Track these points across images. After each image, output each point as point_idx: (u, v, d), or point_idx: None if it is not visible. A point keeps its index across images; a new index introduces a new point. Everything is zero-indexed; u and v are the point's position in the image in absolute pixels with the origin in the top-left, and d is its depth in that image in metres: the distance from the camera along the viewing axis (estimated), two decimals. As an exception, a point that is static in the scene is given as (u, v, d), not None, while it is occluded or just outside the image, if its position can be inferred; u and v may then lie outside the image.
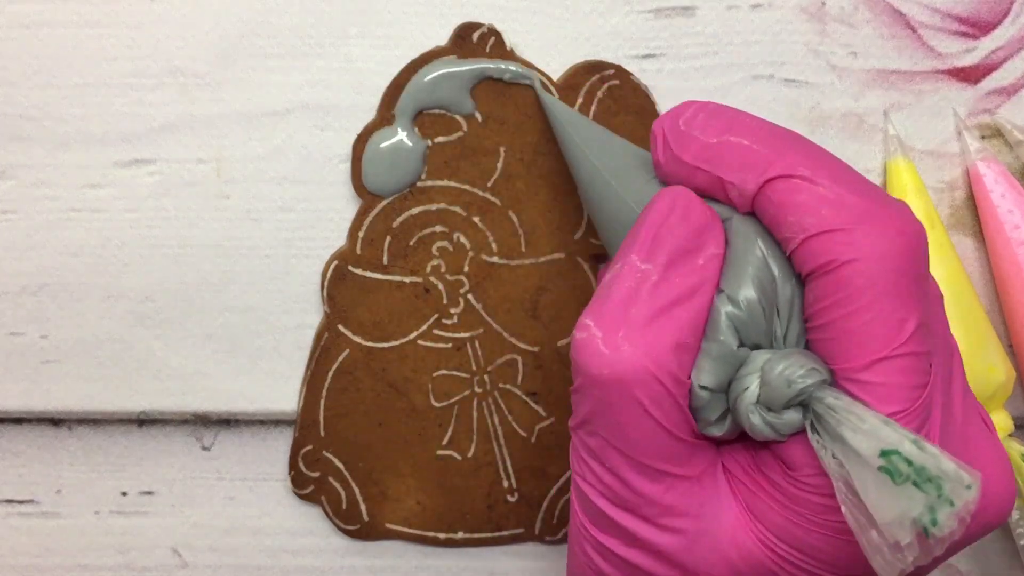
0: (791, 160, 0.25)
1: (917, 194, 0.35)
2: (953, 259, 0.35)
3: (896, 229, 0.24)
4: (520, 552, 0.37)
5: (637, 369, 0.24)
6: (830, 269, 0.24)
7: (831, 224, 0.24)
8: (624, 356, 0.24)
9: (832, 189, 0.25)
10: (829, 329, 0.24)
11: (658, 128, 0.28)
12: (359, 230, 0.36)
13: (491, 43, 0.35)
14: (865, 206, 0.24)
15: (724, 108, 0.27)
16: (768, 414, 0.24)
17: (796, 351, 0.25)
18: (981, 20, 0.35)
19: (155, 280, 0.36)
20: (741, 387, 0.25)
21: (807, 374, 0.24)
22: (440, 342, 0.36)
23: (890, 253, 0.24)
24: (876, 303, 0.24)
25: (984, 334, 0.34)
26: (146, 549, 0.38)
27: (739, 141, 0.26)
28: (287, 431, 0.37)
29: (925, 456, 0.21)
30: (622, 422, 0.25)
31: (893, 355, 0.24)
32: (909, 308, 0.24)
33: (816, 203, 0.24)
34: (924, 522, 0.21)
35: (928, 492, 0.21)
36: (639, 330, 0.25)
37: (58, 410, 0.37)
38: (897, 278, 0.24)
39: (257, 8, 0.35)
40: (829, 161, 0.26)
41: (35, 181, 0.36)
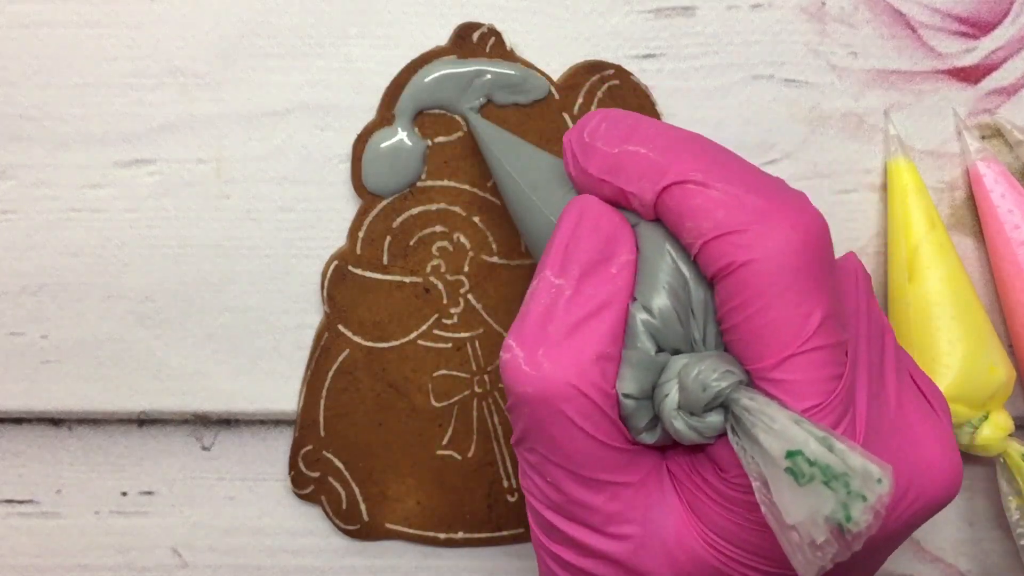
0: (684, 165, 0.25)
1: (918, 194, 0.35)
2: (954, 259, 0.35)
3: (790, 225, 0.24)
4: (520, 552, 0.37)
5: (560, 385, 0.25)
6: (729, 272, 0.24)
7: (726, 227, 0.24)
8: (545, 374, 0.25)
9: (726, 190, 0.25)
10: (737, 331, 0.24)
11: (567, 141, 0.28)
12: (359, 230, 0.36)
13: (491, 43, 0.35)
14: (759, 205, 0.24)
15: (625, 116, 0.28)
16: (690, 418, 0.25)
17: (712, 354, 0.25)
18: (981, 20, 0.35)
19: (155, 280, 0.36)
20: (662, 393, 0.25)
21: (721, 376, 0.24)
22: (440, 342, 0.36)
23: (786, 250, 0.24)
24: (777, 301, 0.24)
25: (984, 334, 0.34)
26: (146, 549, 0.38)
27: (636, 150, 0.26)
28: (287, 431, 0.37)
29: (830, 455, 0.21)
30: (555, 437, 0.25)
31: (801, 351, 0.24)
32: (812, 302, 0.24)
33: (711, 206, 0.24)
34: (838, 519, 0.21)
35: (836, 490, 0.21)
36: (558, 346, 0.25)
37: (58, 410, 0.37)
38: (796, 273, 0.24)
39: (257, 8, 0.35)
40: (725, 162, 0.26)
41: (35, 181, 0.36)
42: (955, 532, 0.37)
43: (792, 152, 0.36)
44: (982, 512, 0.37)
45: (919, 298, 0.34)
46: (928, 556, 0.37)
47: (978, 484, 0.37)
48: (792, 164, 0.36)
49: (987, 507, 0.37)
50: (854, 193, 0.36)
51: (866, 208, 0.36)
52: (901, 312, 0.35)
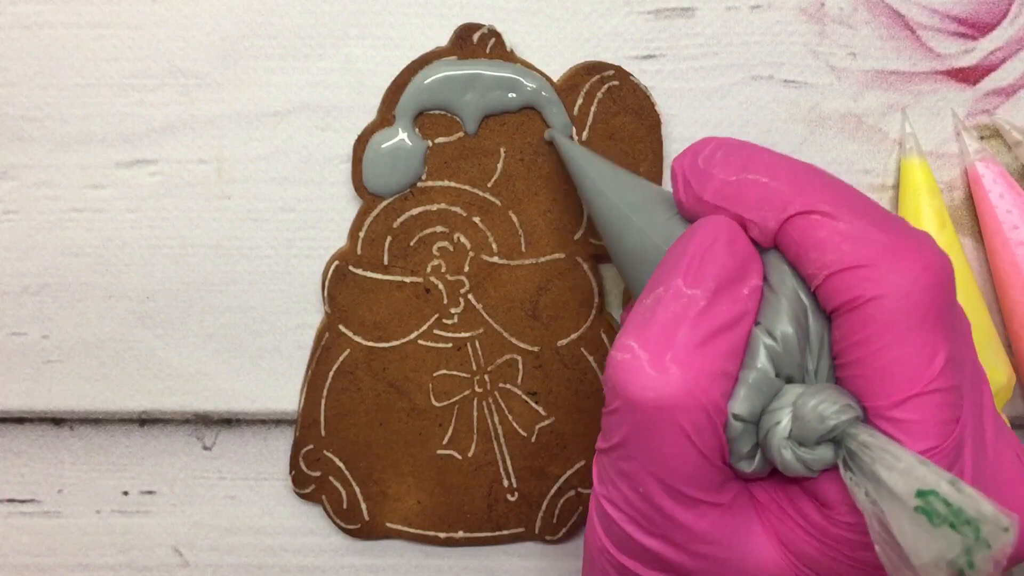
0: (810, 196, 0.25)
1: (930, 193, 0.35)
2: (961, 260, 0.35)
3: (921, 264, 0.24)
4: (520, 551, 0.38)
5: (684, 393, 0.24)
6: (855, 306, 0.24)
7: (853, 260, 0.24)
8: (672, 379, 0.24)
9: (853, 224, 0.24)
10: (858, 366, 0.24)
11: (678, 167, 0.28)
12: (360, 230, 0.36)
13: (491, 44, 0.35)
14: (887, 240, 0.24)
15: (742, 144, 0.27)
16: (800, 449, 0.24)
17: (829, 386, 0.24)
18: (980, 21, 0.36)
19: (156, 280, 0.37)
20: (773, 420, 0.25)
21: (841, 410, 0.24)
22: (440, 342, 0.36)
23: (915, 288, 0.23)
24: (904, 339, 0.23)
25: (988, 336, 0.34)
26: (147, 548, 0.38)
27: (757, 178, 0.26)
28: (288, 431, 0.37)
29: (962, 498, 0.21)
30: (662, 447, 0.24)
31: (924, 391, 0.23)
32: (938, 342, 0.24)
33: (837, 239, 0.24)
34: (960, 564, 0.21)
35: (965, 535, 0.21)
36: (688, 354, 0.24)
37: (59, 410, 0.37)
38: (924, 313, 0.23)
39: (257, 9, 0.35)
40: (849, 195, 0.25)
41: (36, 181, 0.36)
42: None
43: (791, 153, 0.36)
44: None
45: None
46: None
47: (977, 483, 0.37)
48: (791, 165, 0.36)
49: (985, 506, 0.37)
50: (853, 193, 0.36)
51: (865, 208, 0.36)
52: None
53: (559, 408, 0.36)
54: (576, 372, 0.36)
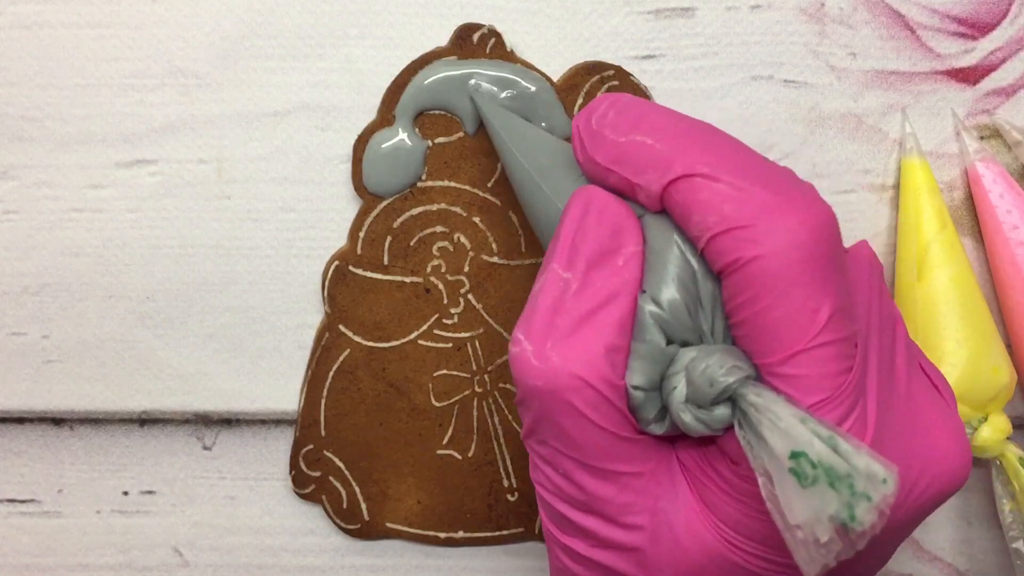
0: (692, 157, 0.25)
1: (930, 193, 0.35)
2: (963, 260, 0.35)
3: (798, 219, 0.24)
4: (520, 551, 0.38)
5: (568, 377, 0.24)
6: (736, 267, 0.24)
7: (733, 222, 0.24)
8: (554, 366, 0.25)
9: (734, 184, 0.24)
10: (746, 326, 0.24)
11: (575, 126, 0.28)
12: (360, 230, 0.36)
13: (491, 44, 0.35)
14: (766, 199, 0.24)
15: (633, 102, 0.27)
16: (698, 411, 0.25)
17: (720, 348, 0.25)
18: (980, 21, 0.36)
19: (156, 280, 0.37)
20: (670, 386, 0.25)
21: (729, 372, 0.24)
22: (440, 342, 0.36)
23: (793, 244, 0.24)
24: (785, 297, 0.24)
25: (990, 336, 0.34)
26: (147, 548, 0.38)
27: (644, 140, 0.26)
28: (288, 431, 0.37)
29: (834, 456, 0.21)
30: (565, 429, 0.25)
31: (809, 347, 0.24)
32: (821, 296, 0.24)
33: (718, 200, 0.24)
34: (842, 519, 0.21)
35: (840, 491, 0.21)
36: (566, 339, 0.25)
37: (60, 410, 0.37)
38: (803, 268, 0.24)
39: (257, 9, 0.35)
40: (734, 154, 0.25)
41: (36, 181, 0.36)
42: (953, 532, 0.38)
43: (791, 152, 0.36)
44: (981, 512, 0.37)
45: (927, 297, 0.34)
46: (927, 556, 0.38)
47: (977, 484, 0.37)
48: (791, 164, 0.36)
49: (985, 506, 0.37)
50: (853, 193, 0.36)
51: (865, 209, 0.36)
52: (908, 310, 0.35)
53: (559, 408, 0.36)
54: (576, 372, 0.36)
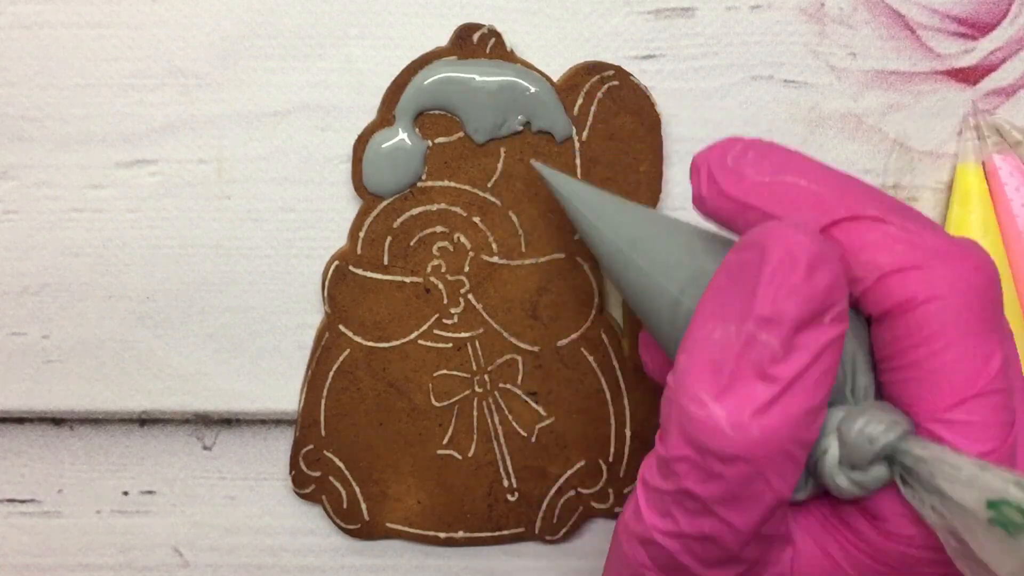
0: (855, 201, 0.24)
1: (979, 200, 0.35)
2: (1003, 266, 0.34)
3: (973, 265, 0.23)
4: (520, 551, 0.38)
5: (770, 449, 0.22)
6: (910, 308, 0.23)
7: (907, 262, 0.23)
8: (754, 438, 0.22)
9: (903, 227, 0.24)
10: (911, 369, 0.23)
11: (702, 161, 0.26)
12: (360, 230, 0.36)
13: (491, 44, 0.35)
14: (938, 243, 0.24)
15: (774, 146, 0.26)
16: (853, 473, 0.23)
17: (871, 404, 0.24)
18: (980, 21, 0.36)
19: (156, 280, 0.37)
20: (820, 450, 0.24)
21: (889, 428, 0.23)
22: (440, 342, 0.36)
23: (970, 289, 0.23)
24: (961, 340, 0.23)
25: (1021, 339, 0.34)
26: (147, 548, 0.38)
27: (796, 181, 0.25)
28: (288, 431, 0.37)
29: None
30: (744, 501, 0.23)
31: (982, 392, 0.23)
32: (992, 344, 0.23)
33: (889, 241, 0.24)
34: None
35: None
36: (767, 408, 0.22)
37: (60, 410, 0.37)
38: (979, 314, 0.23)
39: (257, 9, 0.35)
40: (892, 200, 0.25)
41: (36, 181, 0.36)
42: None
43: (791, 153, 0.36)
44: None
45: None
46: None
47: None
48: (791, 165, 0.36)
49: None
50: (853, 193, 0.36)
51: (865, 208, 0.36)
52: None
53: (559, 408, 0.36)
54: (576, 372, 0.36)
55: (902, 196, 0.36)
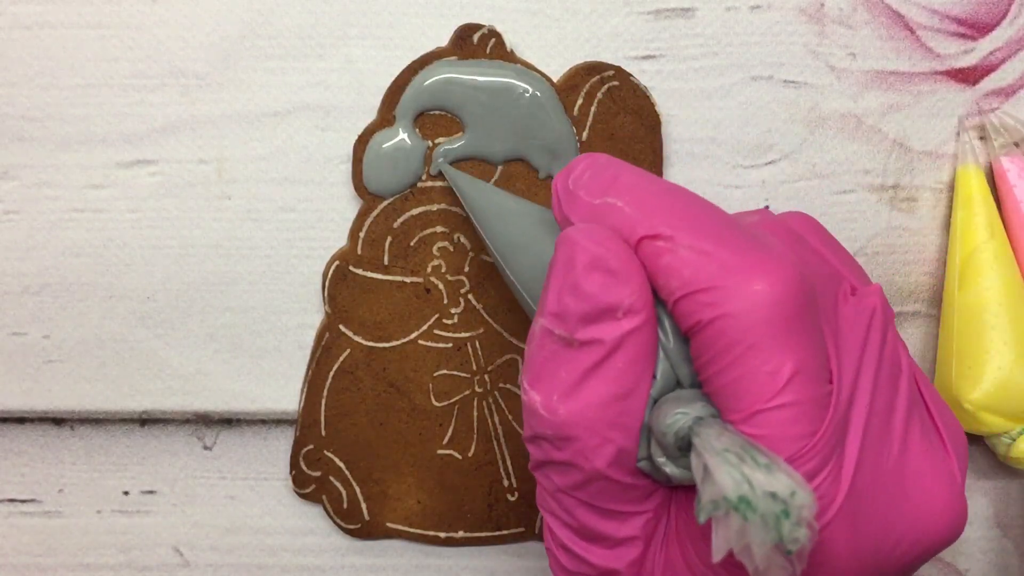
0: (655, 220, 0.25)
1: (982, 203, 0.35)
2: (1011, 270, 0.34)
3: (758, 280, 0.24)
4: (520, 551, 0.38)
5: (579, 429, 0.25)
6: (699, 329, 0.24)
7: (693, 285, 0.24)
8: (561, 419, 0.25)
9: (694, 247, 0.25)
10: (710, 384, 0.24)
11: (555, 184, 0.28)
12: (360, 230, 0.36)
13: (491, 44, 0.35)
14: (727, 260, 0.24)
15: (609, 164, 0.27)
16: (676, 462, 0.25)
17: (671, 396, 0.25)
18: (979, 21, 0.36)
19: (157, 280, 0.37)
20: (650, 445, 0.25)
21: (673, 418, 0.24)
22: (440, 342, 0.36)
23: (752, 306, 0.24)
24: (743, 358, 0.24)
25: None
26: (148, 548, 0.38)
27: (615, 203, 0.26)
28: (288, 431, 0.38)
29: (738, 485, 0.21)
30: (571, 475, 0.26)
31: (769, 407, 0.24)
32: (782, 357, 0.24)
33: (678, 265, 0.25)
34: (771, 541, 0.21)
35: (748, 517, 0.21)
36: (570, 392, 0.25)
37: (60, 410, 0.37)
38: (763, 329, 0.24)
39: (258, 9, 0.36)
40: (698, 216, 0.26)
41: (37, 182, 0.36)
42: (953, 531, 0.38)
43: (791, 153, 0.36)
44: (981, 511, 0.37)
45: (968, 304, 0.34)
46: (926, 555, 0.38)
47: (976, 483, 0.37)
48: (791, 165, 0.36)
49: (985, 506, 0.37)
50: (852, 194, 0.36)
51: (864, 209, 0.36)
52: (948, 316, 0.35)
53: (559, 408, 0.36)
54: (576, 372, 0.36)
55: (902, 196, 0.36)
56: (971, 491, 0.37)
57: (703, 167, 0.36)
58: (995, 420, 0.34)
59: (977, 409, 0.34)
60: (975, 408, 0.34)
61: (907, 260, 0.37)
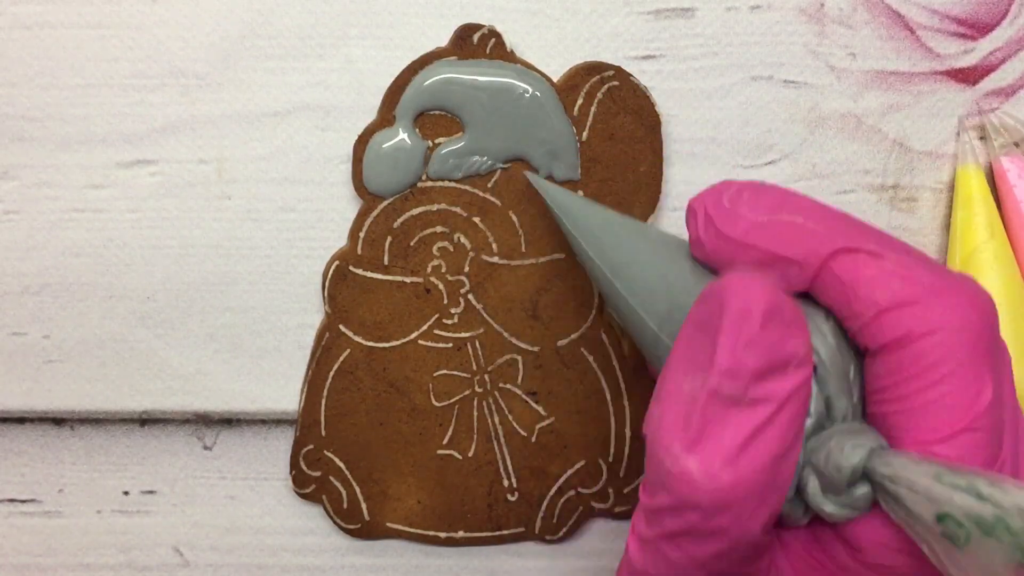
0: (852, 235, 0.25)
1: (982, 203, 0.35)
2: (1012, 270, 0.34)
3: (968, 301, 0.24)
4: (520, 551, 0.38)
5: (742, 497, 0.23)
6: (906, 343, 0.24)
7: (904, 298, 0.24)
8: (726, 486, 0.23)
9: (899, 263, 0.24)
10: (902, 402, 0.24)
11: (699, 205, 0.27)
12: (360, 230, 0.36)
13: (491, 44, 0.35)
14: (934, 279, 0.24)
15: (769, 187, 0.27)
16: (838, 498, 0.24)
17: (838, 430, 0.24)
18: (979, 21, 0.36)
19: (157, 280, 0.37)
20: (803, 482, 0.24)
21: (852, 450, 0.23)
22: (441, 342, 0.36)
23: (965, 325, 0.23)
24: (953, 375, 0.23)
25: None
26: (148, 548, 0.38)
27: (792, 219, 0.26)
28: (288, 431, 0.38)
29: (980, 504, 0.20)
30: (717, 548, 0.24)
31: (968, 428, 0.23)
32: (984, 380, 0.23)
33: (886, 277, 0.24)
34: (1016, 562, 0.20)
35: (1000, 537, 0.20)
36: (735, 457, 0.23)
37: (60, 410, 0.37)
38: (972, 350, 0.23)
39: (258, 9, 0.36)
40: (888, 237, 0.25)
41: (37, 182, 0.36)
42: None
43: (791, 153, 0.36)
44: (980, 511, 0.37)
45: None
46: (926, 555, 0.38)
47: (976, 483, 0.37)
48: (791, 165, 0.36)
49: (985, 506, 0.37)
50: (853, 193, 0.36)
51: (865, 209, 0.36)
52: None
53: (559, 408, 0.36)
54: (576, 372, 0.36)
55: (902, 196, 0.36)
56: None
57: (703, 167, 0.36)
58: None
59: None
60: None
61: (907, 260, 0.37)
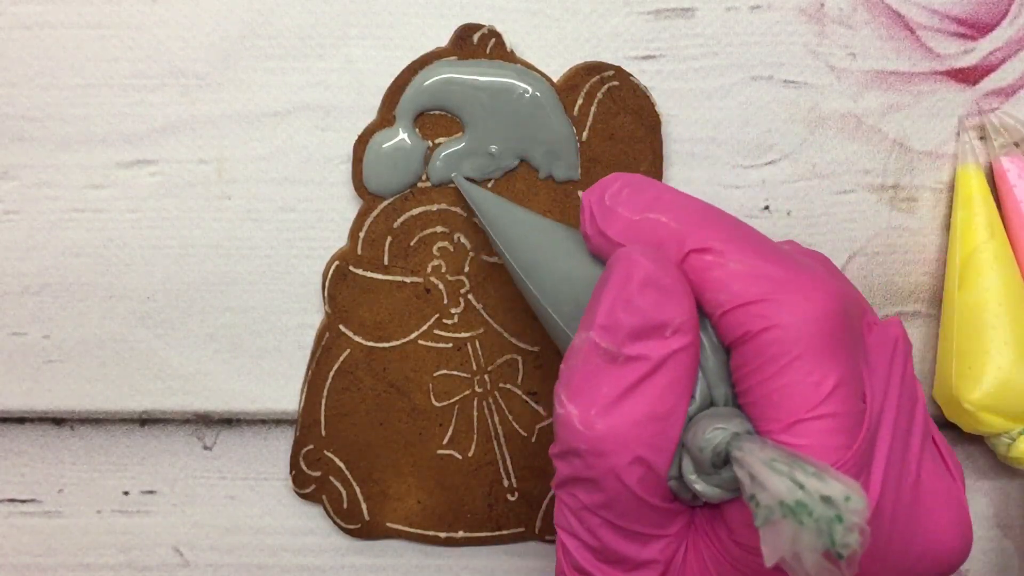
0: (704, 233, 0.26)
1: (982, 203, 0.35)
2: (1012, 270, 0.34)
3: (805, 295, 0.25)
4: (520, 551, 0.38)
5: (614, 446, 0.25)
6: (747, 339, 0.25)
7: (743, 298, 0.25)
8: (598, 434, 0.25)
9: (743, 262, 0.25)
10: (750, 394, 0.25)
11: (586, 201, 0.28)
12: (360, 230, 0.36)
13: (491, 44, 0.35)
14: (775, 275, 0.25)
15: (649, 183, 0.28)
16: (708, 478, 0.25)
17: (708, 412, 0.25)
18: (979, 21, 0.36)
19: (157, 280, 0.37)
20: (679, 462, 0.26)
21: (712, 433, 0.24)
22: (441, 342, 0.36)
23: (801, 319, 0.25)
24: (790, 368, 0.24)
25: None
26: (148, 548, 0.38)
27: (658, 218, 0.27)
28: (288, 431, 0.38)
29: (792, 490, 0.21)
30: (601, 493, 0.26)
31: (810, 417, 0.24)
32: (826, 370, 0.24)
33: (727, 279, 0.25)
34: (823, 546, 0.21)
35: (803, 521, 0.21)
36: (609, 409, 0.25)
37: (60, 410, 0.37)
38: (809, 341, 0.24)
39: (258, 9, 0.36)
40: (743, 234, 0.26)
41: (37, 182, 0.36)
42: (953, 531, 0.38)
43: (791, 153, 0.36)
44: (982, 512, 0.37)
45: (968, 304, 0.34)
46: (926, 555, 0.38)
47: (976, 484, 0.37)
48: (791, 165, 0.36)
49: (985, 506, 0.37)
50: (852, 193, 0.36)
51: (864, 209, 0.36)
52: (948, 316, 0.35)
53: (559, 408, 0.36)
54: (576, 372, 0.36)
55: (902, 196, 0.36)
56: (971, 491, 0.37)
57: (703, 167, 0.36)
58: (995, 420, 0.34)
59: (977, 409, 0.34)
60: (975, 408, 0.34)
61: (907, 260, 0.37)
